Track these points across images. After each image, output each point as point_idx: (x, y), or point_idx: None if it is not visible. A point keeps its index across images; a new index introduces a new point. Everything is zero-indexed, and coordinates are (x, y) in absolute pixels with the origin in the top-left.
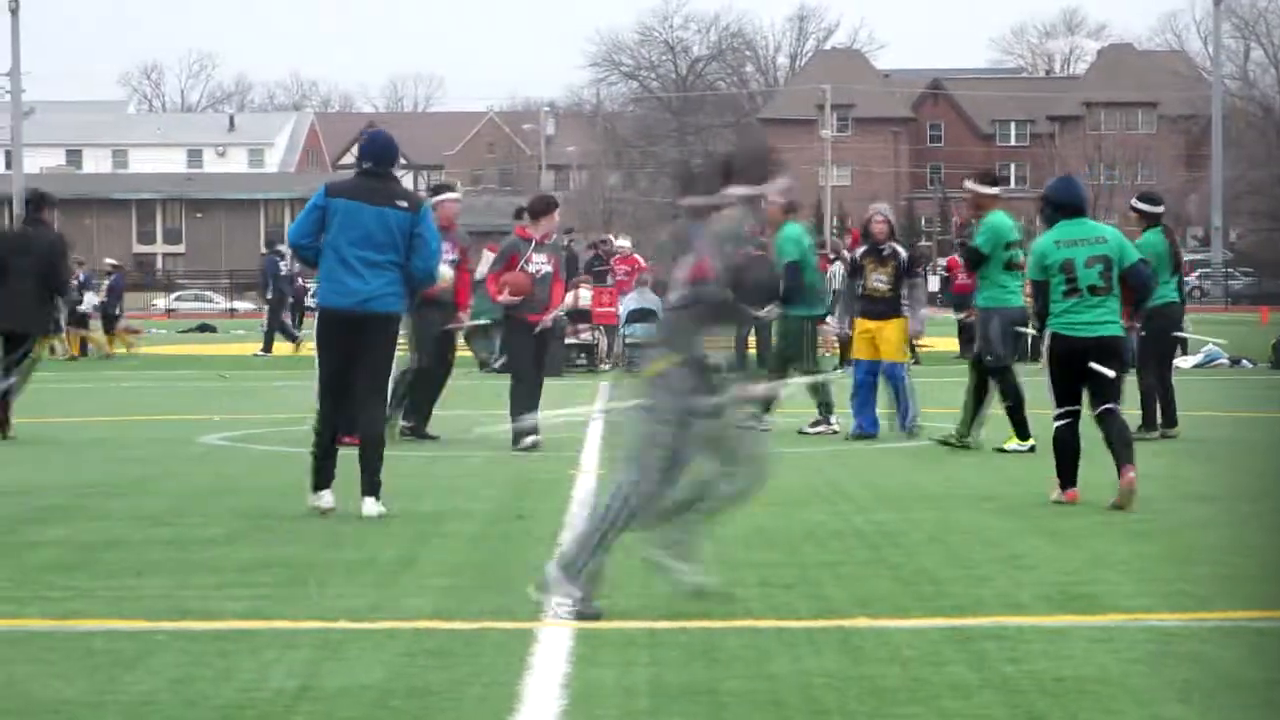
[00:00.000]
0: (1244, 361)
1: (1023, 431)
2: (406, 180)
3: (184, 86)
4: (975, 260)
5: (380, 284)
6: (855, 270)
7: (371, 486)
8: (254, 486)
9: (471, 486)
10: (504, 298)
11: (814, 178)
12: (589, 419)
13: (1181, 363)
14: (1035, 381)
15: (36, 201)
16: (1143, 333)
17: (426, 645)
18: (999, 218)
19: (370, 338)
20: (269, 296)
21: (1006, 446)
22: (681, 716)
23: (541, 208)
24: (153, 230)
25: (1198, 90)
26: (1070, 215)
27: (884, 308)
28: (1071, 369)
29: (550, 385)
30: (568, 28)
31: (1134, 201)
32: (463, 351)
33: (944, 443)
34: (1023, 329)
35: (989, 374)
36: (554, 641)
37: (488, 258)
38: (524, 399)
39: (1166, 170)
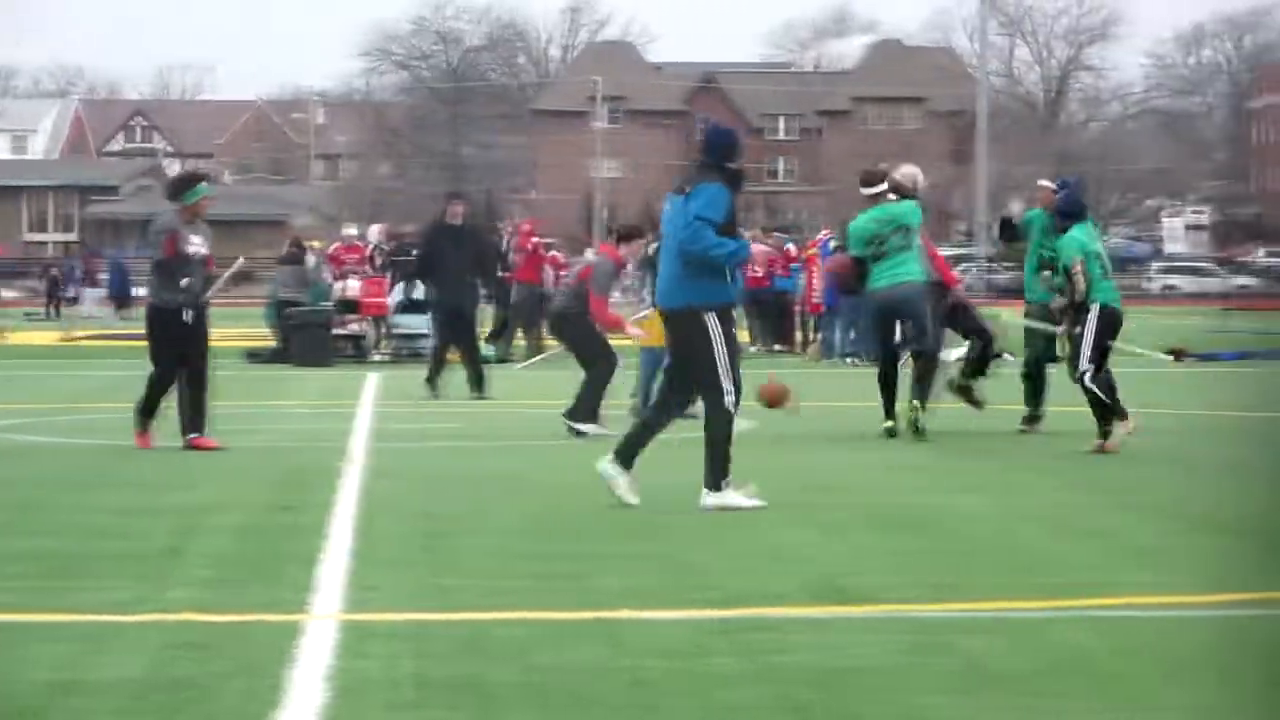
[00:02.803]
0: (1006, 355)
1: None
2: (172, 168)
3: None
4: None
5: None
6: (653, 265)
7: (708, 480)
8: (17, 477)
9: (239, 478)
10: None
11: (585, 170)
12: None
13: (945, 355)
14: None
15: None
16: None
17: (191, 638)
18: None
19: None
20: None
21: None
22: (447, 709)
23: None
24: None
25: (964, 86)
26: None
27: None
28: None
29: (318, 375)
30: (339, 16)
31: None
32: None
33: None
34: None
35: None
36: (319, 634)
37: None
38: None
39: (933, 165)
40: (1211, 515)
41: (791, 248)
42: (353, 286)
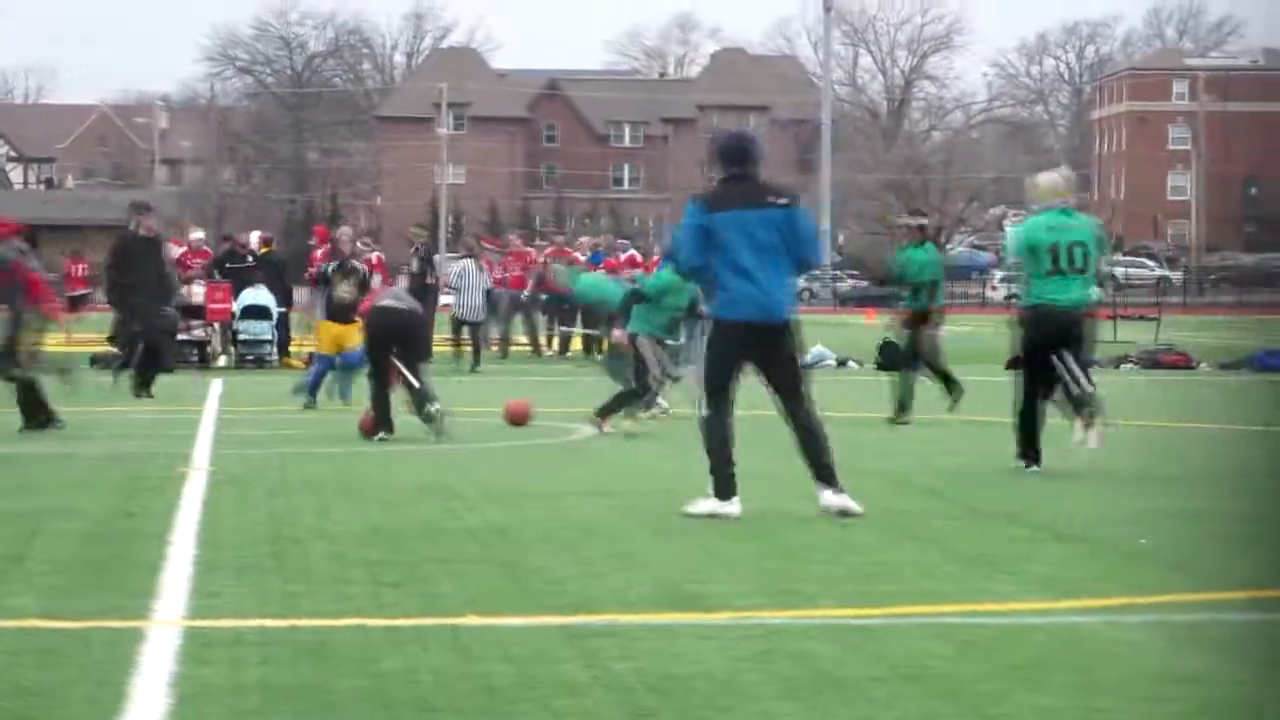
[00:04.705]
0: (850, 363)
1: None
2: (15, 174)
3: None
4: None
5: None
6: (326, 280)
7: (830, 478)
8: None
9: (81, 484)
10: None
11: (430, 176)
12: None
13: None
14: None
15: None
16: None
17: (33, 644)
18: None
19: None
20: None
21: None
22: (290, 715)
23: None
24: None
25: (808, 95)
26: None
27: (350, 313)
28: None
29: (162, 381)
30: (183, 21)
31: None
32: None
33: None
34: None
35: None
36: (163, 640)
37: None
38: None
39: (777, 173)
40: (1051, 522)
41: (636, 254)
42: (197, 292)
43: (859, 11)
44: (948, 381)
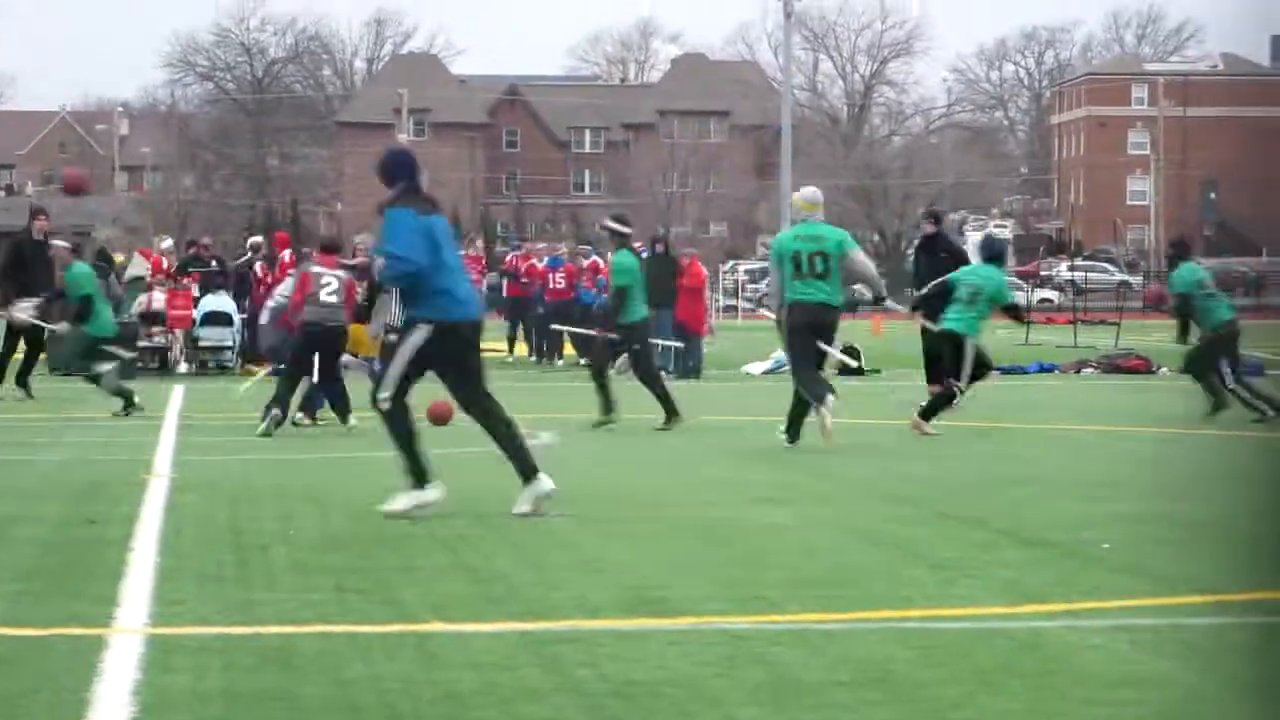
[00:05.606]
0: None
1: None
2: None
3: None
4: None
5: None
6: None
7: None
8: None
9: (42, 490)
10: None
11: None
12: None
13: (752, 369)
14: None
15: None
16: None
17: None
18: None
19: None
20: None
21: None
22: None
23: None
24: None
25: (768, 100)
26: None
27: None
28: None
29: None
30: (142, 27)
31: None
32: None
33: None
34: None
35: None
36: (125, 648)
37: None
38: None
39: (738, 178)
40: (1013, 527)
41: (599, 260)
42: (157, 298)
43: (819, 17)
44: (604, 398)
